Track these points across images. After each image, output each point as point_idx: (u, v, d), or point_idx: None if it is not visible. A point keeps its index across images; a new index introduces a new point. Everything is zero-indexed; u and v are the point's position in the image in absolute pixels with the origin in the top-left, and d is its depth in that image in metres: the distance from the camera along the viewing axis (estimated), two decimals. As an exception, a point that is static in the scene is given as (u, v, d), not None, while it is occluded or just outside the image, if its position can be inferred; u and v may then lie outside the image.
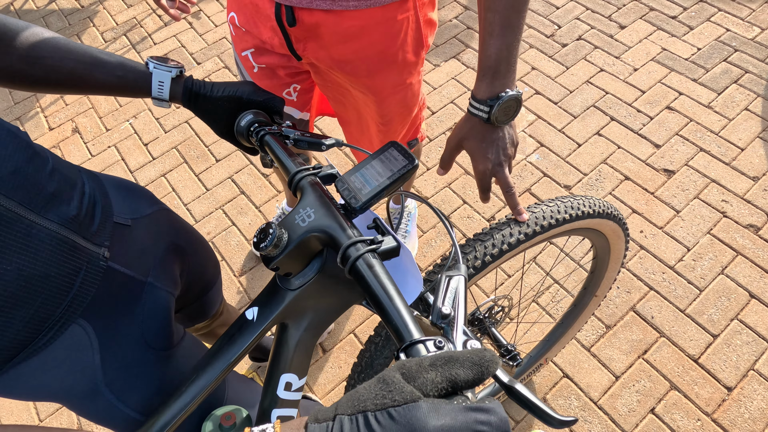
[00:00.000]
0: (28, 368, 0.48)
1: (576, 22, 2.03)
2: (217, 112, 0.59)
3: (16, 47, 0.50)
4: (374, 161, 0.48)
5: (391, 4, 0.66)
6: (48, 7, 2.41)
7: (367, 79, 0.76)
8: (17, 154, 0.42)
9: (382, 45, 0.71)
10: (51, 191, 0.45)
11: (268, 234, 0.42)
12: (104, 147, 1.85)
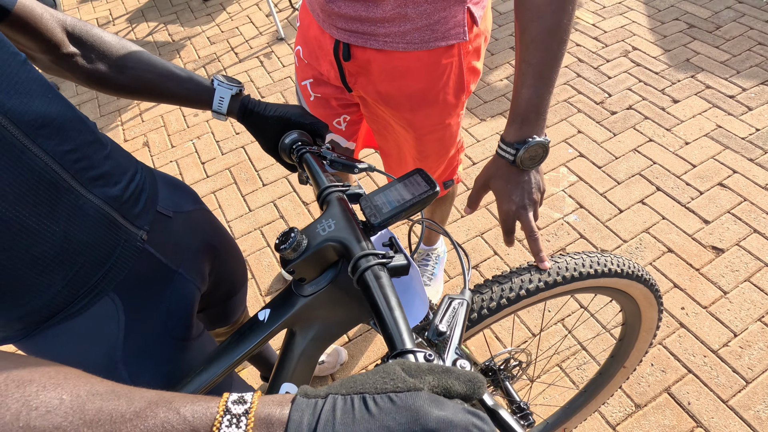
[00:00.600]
0: (58, 333, 0.52)
1: (627, 92, 2.04)
2: (266, 128, 0.65)
3: (109, 57, 0.59)
4: (398, 184, 0.51)
5: (437, 49, 0.72)
6: (145, 39, 2.76)
7: (408, 114, 0.82)
8: (80, 137, 0.49)
9: (425, 85, 0.77)
10: (101, 172, 0.51)
11: (290, 237, 0.45)
12: (167, 161, 2.02)
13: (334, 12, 0.69)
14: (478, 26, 0.74)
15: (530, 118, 0.61)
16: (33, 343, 0.52)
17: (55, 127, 0.46)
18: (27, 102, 0.44)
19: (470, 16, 0.72)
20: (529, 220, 0.64)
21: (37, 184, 0.44)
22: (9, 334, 0.51)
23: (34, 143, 0.44)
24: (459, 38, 0.72)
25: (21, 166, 0.43)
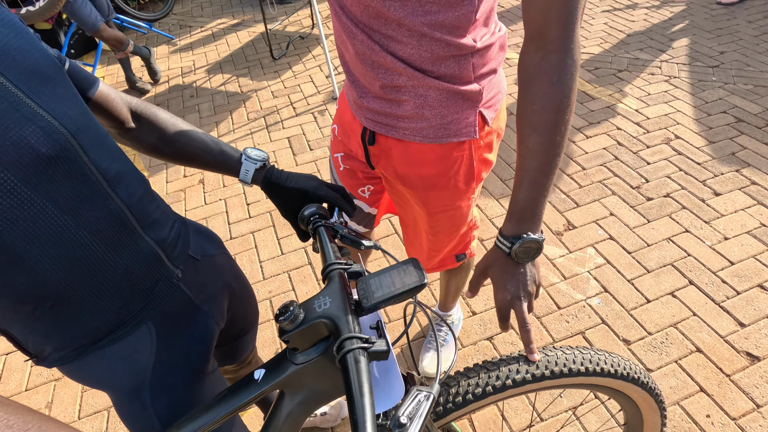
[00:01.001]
0: (99, 357, 0.61)
1: (666, 180, 2.03)
2: (285, 198, 0.74)
3: (161, 132, 0.71)
4: (393, 271, 0.57)
5: (449, 144, 0.81)
6: (218, 88, 3.10)
7: (422, 194, 0.90)
8: (141, 189, 0.61)
9: (438, 171, 0.85)
10: (154, 218, 0.62)
11: (288, 310, 0.50)
12: (216, 199, 2.21)
13: (364, 105, 0.81)
14: (489, 126, 0.83)
15: (526, 216, 0.65)
16: (76, 367, 0.61)
17: (126, 181, 0.58)
18: (111, 162, 0.56)
19: (482, 118, 0.80)
20: (522, 311, 0.67)
21: (113, 224, 0.55)
22: (60, 356, 0.59)
23: (114, 192, 0.56)
24: (470, 136, 0.80)
25: (105, 208, 0.54)
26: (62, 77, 0.51)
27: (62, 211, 0.50)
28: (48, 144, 0.47)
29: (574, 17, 0.55)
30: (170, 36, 3.89)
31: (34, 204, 0.47)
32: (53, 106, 0.48)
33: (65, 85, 0.51)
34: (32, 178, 0.46)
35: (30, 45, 0.47)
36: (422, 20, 0.64)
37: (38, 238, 0.48)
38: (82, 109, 0.52)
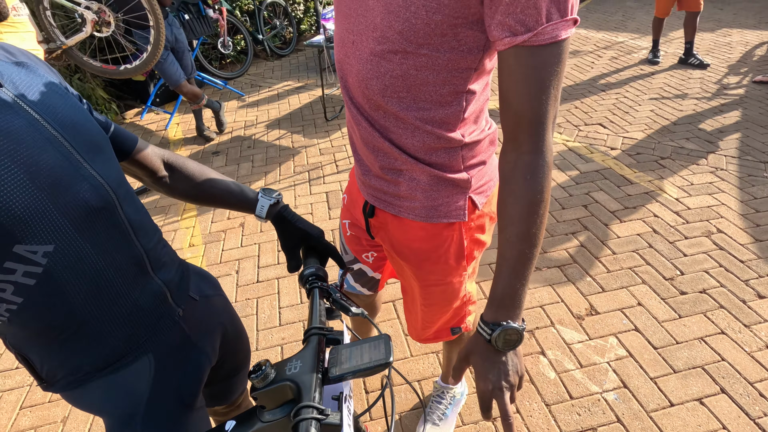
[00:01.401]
0: (104, 383, 0.67)
1: (703, 275, 1.93)
2: (290, 233, 0.83)
3: (189, 179, 0.83)
4: (365, 345, 0.59)
5: (439, 224, 0.87)
6: (273, 141, 3.41)
7: (414, 267, 0.95)
8: (155, 236, 0.71)
9: (428, 247, 0.90)
10: (163, 261, 0.72)
11: (260, 369, 0.55)
12: (252, 242, 2.37)
13: (366, 182, 0.90)
14: (480, 210, 0.88)
15: (506, 303, 0.65)
16: (79, 393, 0.67)
17: (146, 230, 0.69)
18: (137, 213, 0.67)
19: (472, 202, 0.86)
20: (504, 403, 0.64)
21: (132, 264, 0.65)
22: (68, 381, 0.66)
23: (137, 238, 0.66)
24: (459, 218, 0.86)
25: (128, 251, 0.64)
26: (108, 144, 0.64)
27: (97, 251, 0.60)
28: (96, 198, 0.58)
29: (544, 124, 0.61)
30: (241, 93, 4.38)
31: (77, 244, 0.57)
32: (102, 169, 0.60)
33: (109, 151, 0.64)
34: (80, 224, 0.57)
35: (87, 121, 0.61)
36: (416, 115, 0.73)
37: (76, 272, 0.58)
38: (119, 169, 0.65)
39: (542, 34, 0.56)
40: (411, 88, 0.69)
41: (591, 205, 2.41)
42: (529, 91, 0.59)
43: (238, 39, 4.95)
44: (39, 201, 0.51)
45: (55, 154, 0.54)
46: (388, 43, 0.65)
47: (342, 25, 0.73)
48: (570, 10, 0.57)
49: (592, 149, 2.94)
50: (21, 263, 0.52)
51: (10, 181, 0.48)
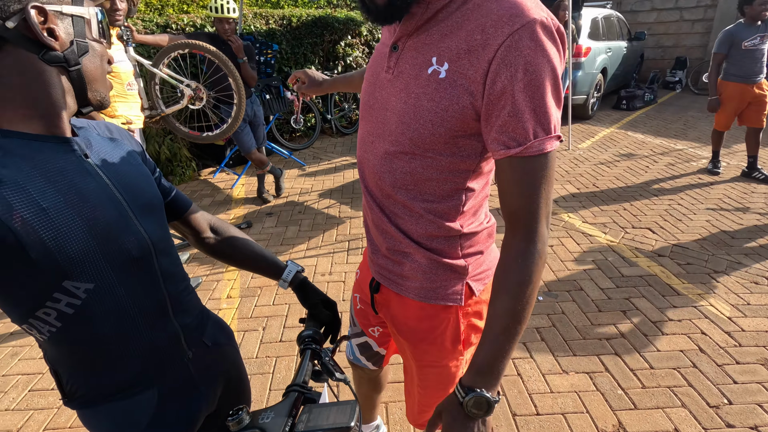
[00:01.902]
0: (112, 407, 0.75)
1: (755, 408, 1.72)
2: (309, 297, 0.96)
3: (230, 244, 0.96)
4: (334, 407, 0.64)
5: (437, 305, 0.92)
6: (321, 209, 3.65)
7: (413, 345, 0.98)
8: (182, 285, 0.81)
9: (426, 327, 0.94)
10: (184, 307, 0.82)
11: (237, 414, 0.61)
12: (283, 302, 2.47)
13: (374, 260, 0.98)
14: (477, 296, 0.92)
15: (484, 372, 0.69)
16: (91, 413, 0.76)
17: (175, 278, 0.81)
18: (170, 264, 0.79)
19: (469, 288, 0.91)
20: None
21: (156, 306, 0.76)
22: (86, 399, 0.75)
23: (164, 286, 0.77)
24: (456, 302, 0.90)
25: (155, 296, 0.75)
26: (161, 207, 0.78)
27: (127, 292, 0.70)
28: (137, 249, 0.71)
29: (536, 218, 0.69)
30: (303, 163, 4.80)
31: (112, 285, 0.68)
32: (149, 226, 0.74)
33: (161, 212, 0.78)
34: (119, 268, 0.68)
35: (149, 186, 0.76)
36: (421, 205, 0.83)
37: (107, 308, 0.68)
38: (164, 227, 0.79)
39: (531, 147, 0.66)
40: (417, 182, 0.80)
41: (631, 312, 2.29)
42: (522, 191, 0.69)
43: (309, 117, 5.54)
44: (90, 247, 0.64)
45: (113, 211, 0.68)
46: (400, 146, 0.78)
47: (365, 129, 0.87)
48: (553, 129, 0.67)
49: (637, 253, 2.85)
50: (66, 295, 0.63)
51: (71, 229, 0.61)
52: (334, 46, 5.67)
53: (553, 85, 0.66)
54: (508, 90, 0.64)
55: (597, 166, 4.48)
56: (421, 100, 0.72)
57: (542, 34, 0.63)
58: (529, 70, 0.63)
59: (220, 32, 3.22)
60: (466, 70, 0.67)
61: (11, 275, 0.58)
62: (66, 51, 0.60)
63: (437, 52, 0.70)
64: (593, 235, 3.08)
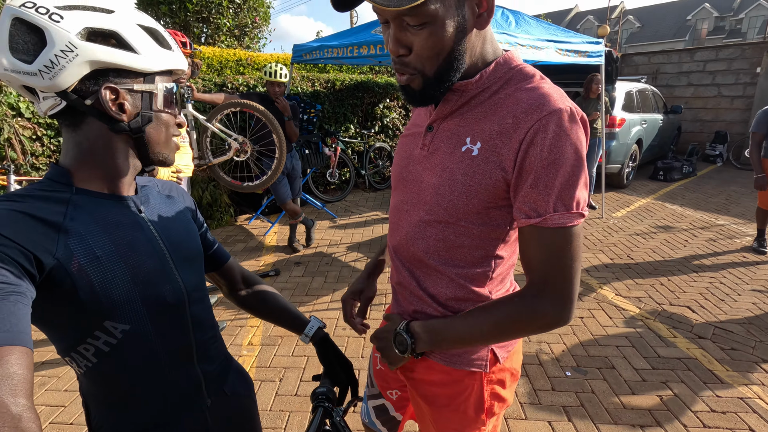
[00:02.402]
0: None
1: None
2: (328, 354, 0.99)
3: (258, 296, 1.01)
4: None
5: (462, 370, 0.91)
6: (347, 262, 3.69)
7: (435, 411, 0.96)
8: (209, 333, 0.85)
9: (450, 392, 0.92)
10: (210, 354, 0.85)
11: None
12: (302, 354, 2.46)
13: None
14: (501, 363, 0.91)
15: (430, 331, 0.85)
16: None
17: (204, 326, 0.85)
18: (201, 311, 0.84)
19: (493, 354, 0.90)
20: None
21: (183, 351, 0.80)
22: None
23: (192, 332, 0.82)
24: (480, 368, 0.89)
25: (183, 341, 0.79)
26: (200, 260, 0.85)
27: (158, 336, 0.75)
28: (172, 297, 0.77)
29: (547, 281, 0.74)
30: (334, 216, 4.94)
31: (146, 328, 0.73)
32: (186, 276, 0.80)
33: (200, 264, 0.85)
34: (154, 313, 0.74)
35: (193, 241, 0.84)
36: (452, 270, 0.86)
37: (137, 349, 0.73)
38: (201, 277, 0.85)
39: (549, 220, 0.71)
40: (450, 249, 0.85)
41: (668, 398, 2.12)
42: (539, 258, 0.74)
43: (345, 171, 5.77)
44: (131, 292, 0.70)
45: (157, 261, 0.74)
46: (435, 215, 0.83)
47: (398, 198, 0.93)
48: (575, 205, 0.71)
49: (675, 332, 2.68)
50: (105, 334, 0.69)
51: (117, 275, 0.68)
52: (373, 107, 6.02)
53: (577, 166, 0.70)
54: (534, 166, 0.70)
55: (632, 236, 4.36)
56: (456, 174, 0.78)
57: (567, 120, 0.70)
58: (553, 150, 0.69)
59: (270, 93, 3.52)
60: (499, 148, 0.74)
61: (63, 312, 0.65)
62: (132, 121, 0.70)
63: (471, 133, 0.78)
64: (627, 309, 2.94)
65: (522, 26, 3.76)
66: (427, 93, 0.77)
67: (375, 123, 6.07)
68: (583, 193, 0.72)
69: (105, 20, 0.64)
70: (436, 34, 0.69)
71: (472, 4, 0.70)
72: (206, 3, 6.81)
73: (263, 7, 7.78)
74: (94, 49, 0.63)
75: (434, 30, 0.69)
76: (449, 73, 0.74)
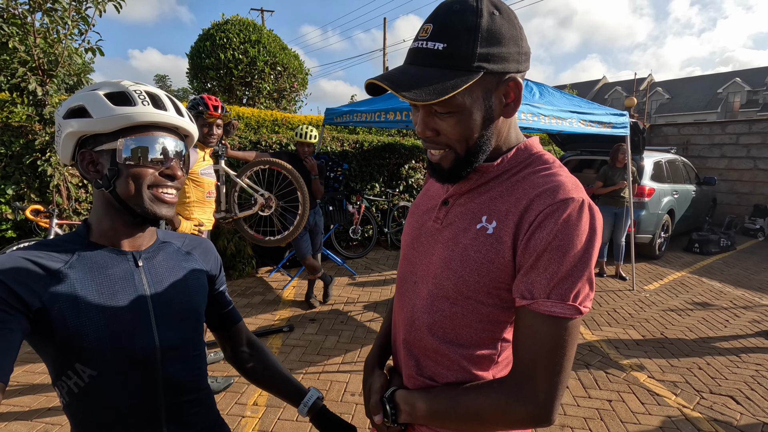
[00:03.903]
0: None
1: None
2: (327, 425, 0.97)
3: (260, 361, 0.99)
4: None
5: None
6: (364, 323, 3.61)
7: None
8: (192, 395, 0.82)
9: None
10: (185, 419, 0.80)
11: None
12: (306, 420, 2.35)
13: None
14: None
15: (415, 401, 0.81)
16: None
17: (182, 387, 0.80)
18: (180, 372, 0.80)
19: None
20: None
21: (148, 412, 0.76)
22: None
23: (164, 392, 0.77)
24: None
25: (149, 400, 0.76)
26: (192, 319, 0.84)
27: (123, 388, 0.73)
28: (142, 353, 0.75)
29: (529, 371, 0.70)
30: (354, 272, 4.93)
31: (112, 377, 0.72)
32: (165, 334, 0.78)
33: (190, 323, 0.83)
34: (121, 365, 0.73)
35: (187, 298, 0.83)
36: (456, 351, 0.81)
37: (103, 395, 0.72)
38: (188, 337, 0.82)
39: (541, 305, 0.68)
40: (455, 327, 0.81)
41: (711, 505, 1.87)
42: (526, 345, 0.70)
43: (367, 228, 5.83)
44: (103, 340, 0.71)
45: (136, 315, 0.75)
46: (443, 290, 0.81)
47: (405, 268, 0.92)
48: (573, 297, 0.67)
49: (716, 426, 2.41)
50: (75, 375, 0.71)
51: (91, 322, 0.70)
52: (398, 168, 6.18)
53: (583, 258, 0.67)
54: (538, 248, 0.68)
55: (666, 312, 4.10)
56: (468, 250, 0.77)
57: (577, 211, 0.68)
58: (559, 236, 0.67)
59: (299, 152, 3.69)
60: (511, 229, 0.73)
61: (46, 348, 0.71)
62: (102, 178, 0.75)
63: (487, 212, 0.77)
64: (661, 395, 2.70)
65: (546, 97, 3.88)
66: (456, 172, 0.78)
67: (400, 183, 6.20)
68: (585, 287, 0.68)
69: (77, 97, 0.75)
70: (463, 123, 0.71)
71: (500, 94, 0.71)
72: (250, 69, 7.43)
73: (302, 74, 8.39)
74: (68, 122, 0.74)
75: (462, 119, 0.71)
76: (477, 155, 0.75)
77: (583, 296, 0.68)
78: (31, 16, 3.59)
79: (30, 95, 3.68)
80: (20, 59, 3.59)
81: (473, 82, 0.67)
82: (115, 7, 3.92)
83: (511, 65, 0.70)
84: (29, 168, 3.82)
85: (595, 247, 0.69)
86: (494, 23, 0.67)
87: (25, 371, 2.77)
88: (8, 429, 2.21)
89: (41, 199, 3.85)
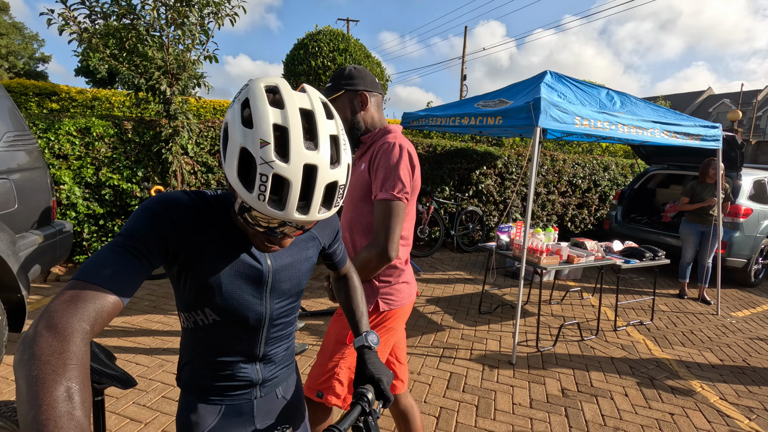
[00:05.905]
0: (194, 403, 0.89)
1: None
2: (360, 368, 1.02)
3: (343, 278, 1.19)
4: None
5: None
6: (426, 314, 3.81)
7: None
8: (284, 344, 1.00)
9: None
10: (273, 360, 0.94)
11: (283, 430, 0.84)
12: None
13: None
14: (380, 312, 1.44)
15: None
16: (183, 397, 0.92)
17: (277, 341, 0.94)
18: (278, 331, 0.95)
19: (376, 304, 1.44)
20: None
21: (250, 355, 0.91)
22: (184, 386, 0.92)
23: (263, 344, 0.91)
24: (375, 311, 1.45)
25: (252, 348, 0.90)
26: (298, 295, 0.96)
27: (234, 338, 0.88)
28: (254, 320, 0.89)
29: (381, 235, 1.33)
30: (419, 269, 5.15)
31: (229, 329, 0.86)
32: (275, 305, 0.91)
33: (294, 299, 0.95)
34: (235, 322, 0.86)
35: (300, 277, 0.95)
36: (360, 230, 1.45)
37: (221, 337, 0.86)
38: (291, 307, 0.95)
39: (378, 196, 1.34)
40: (358, 219, 1.44)
41: None
42: (376, 217, 1.35)
43: (435, 229, 6.03)
44: (227, 306, 0.85)
45: (257, 292, 0.88)
46: (349, 203, 1.47)
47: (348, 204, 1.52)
48: (391, 189, 1.32)
49: (793, 456, 2.27)
50: (204, 315, 0.86)
51: (222, 290, 0.83)
52: (469, 173, 6.30)
53: (393, 168, 1.32)
54: (374, 168, 1.36)
55: (752, 340, 3.79)
56: (359, 180, 1.43)
57: (391, 146, 1.35)
58: (381, 159, 1.34)
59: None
60: (368, 164, 1.39)
61: (191, 288, 0.84)
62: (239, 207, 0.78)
63: (365, 160, 1.42)
64: (732, 417, 2.57)
65: (627, 107, 3.81)
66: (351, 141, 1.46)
67: (470, 187, 6.31)
68: (398, 184, 1.31)
69: None
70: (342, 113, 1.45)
71: (358, 101, 1.44)
72: (336, 75, 7.98)
73: (383, 80, 8.83)
74: None
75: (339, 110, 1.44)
76: (353, 132, 1.45)
77: (398, 189, 1.31)
78: (168, 30, 4.33)
79: (161, 95, 4.43)
80: (157, 65, 4.34)
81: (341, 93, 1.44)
82: (230, 20, 4.57)
83: (359, 87, 1.43)
84: (155, 155, 4.58)
85: (402, 161, 1.33)
86: (351, 72, 1.44)
87: (145, 319, 3.38)
88: (135, 359, 2.76)
89: (161, 182, 4.60)
